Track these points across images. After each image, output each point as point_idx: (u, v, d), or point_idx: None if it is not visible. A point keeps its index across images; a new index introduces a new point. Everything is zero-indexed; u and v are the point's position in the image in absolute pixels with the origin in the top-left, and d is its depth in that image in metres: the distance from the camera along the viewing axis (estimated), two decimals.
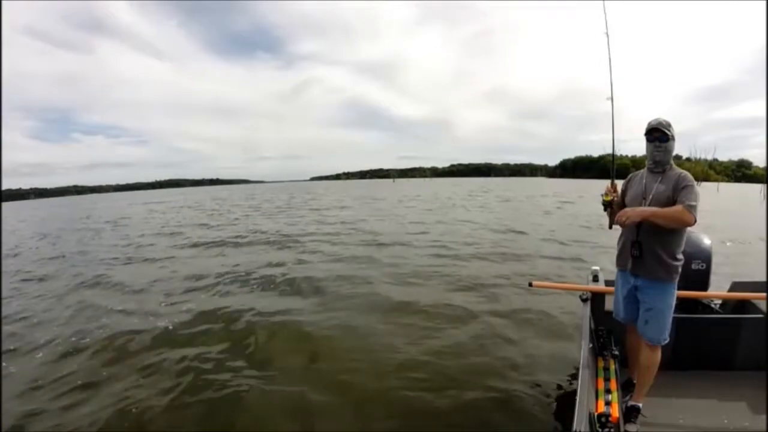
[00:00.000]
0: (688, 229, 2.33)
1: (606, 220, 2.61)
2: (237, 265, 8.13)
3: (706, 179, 62.92)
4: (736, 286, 3.40)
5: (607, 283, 3.16)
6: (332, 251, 9.29)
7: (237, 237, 12.28)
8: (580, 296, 3.03)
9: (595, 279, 3.28)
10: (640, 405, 2.35)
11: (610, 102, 2.73)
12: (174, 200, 44.10)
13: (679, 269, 2.30)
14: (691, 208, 2.12)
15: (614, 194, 2.45)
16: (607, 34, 2.73)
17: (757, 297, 3.03)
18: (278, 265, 8.02)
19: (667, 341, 2.32)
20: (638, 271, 2.36)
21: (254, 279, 6.95)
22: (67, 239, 14.18)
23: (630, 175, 2.57)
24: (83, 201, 72.21)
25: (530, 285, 3.42)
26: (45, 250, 11.77)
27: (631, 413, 2.33)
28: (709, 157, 75.92)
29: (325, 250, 9.50)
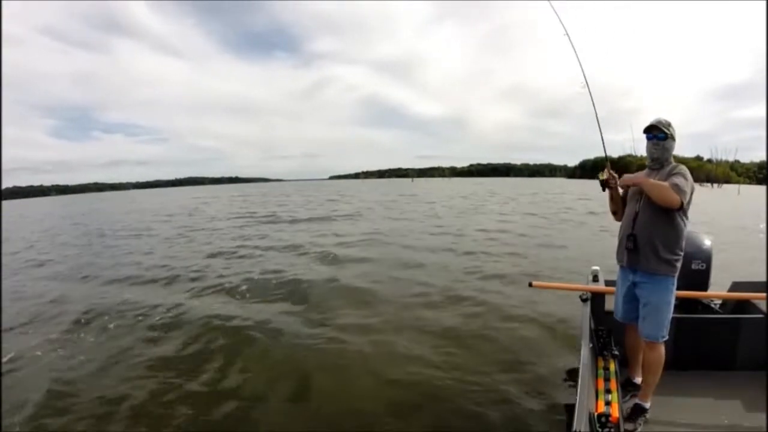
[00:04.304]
0: (689, 229, 2.34)
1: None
2: None
3: (728, 181, 60.88)
4: (736, 286, 3.38)
5: (607, 283, 3.16)
6: None
7: None
8: (580, 296, 3.03)
9: (595, 279, 3.27)
10: (647, 405, 2.36)
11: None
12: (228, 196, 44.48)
13: (677, 264, 2.30)
14: (676, 187, 2.15)
15: (609, 174, 2.50)
16: (567, 34, 2.94)
17: (757, 297, 3.01)
18: None
19: (665, 339, 2.33)
20: (634, 265, 2.38)
21: None
22: None
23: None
24: (116, 198, 72.11)
25: (530, 285, 3.42)
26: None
27: (636, 412, 2.34)
28: (731, 159, 73.50)
29: None
